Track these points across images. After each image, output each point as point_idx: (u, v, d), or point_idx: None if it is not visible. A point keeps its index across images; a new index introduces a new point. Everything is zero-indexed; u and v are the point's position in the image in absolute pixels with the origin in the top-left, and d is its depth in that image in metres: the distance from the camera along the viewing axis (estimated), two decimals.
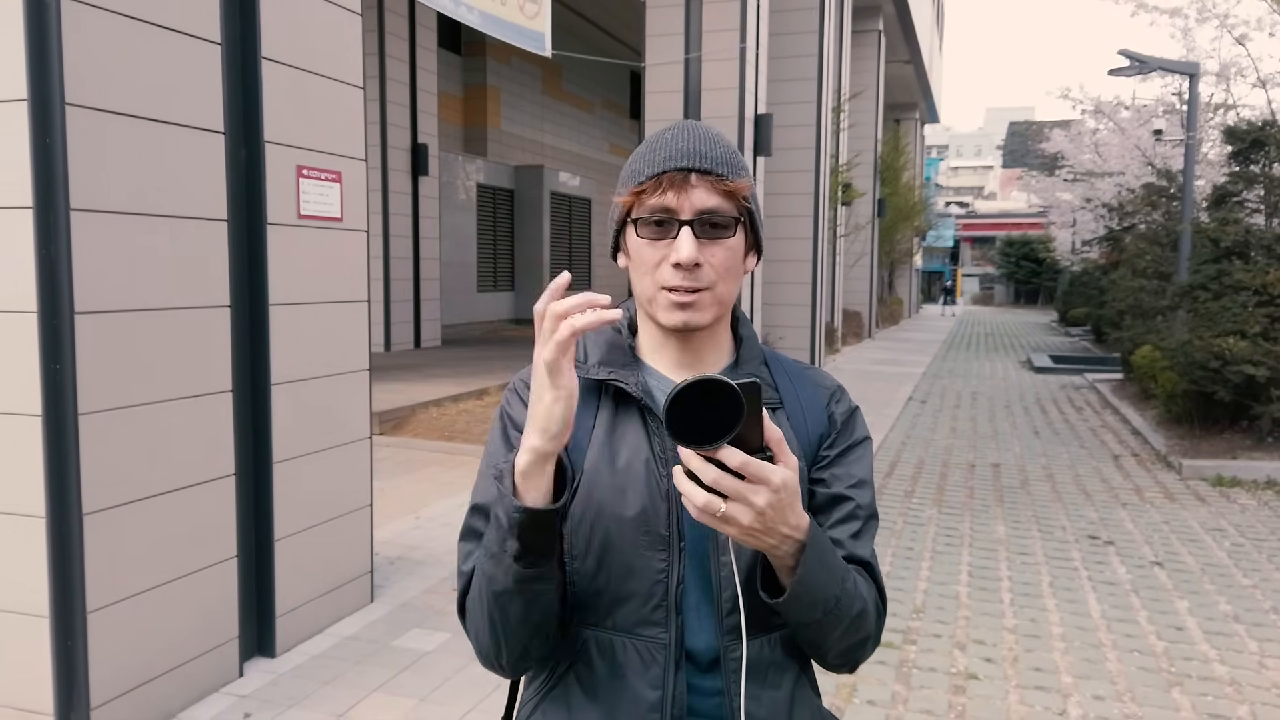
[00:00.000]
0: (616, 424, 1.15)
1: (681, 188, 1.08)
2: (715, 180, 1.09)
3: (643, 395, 1.14)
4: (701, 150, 1.10)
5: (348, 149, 3.94)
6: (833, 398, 1.24)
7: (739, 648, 1.10)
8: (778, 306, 12.88)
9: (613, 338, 1.20)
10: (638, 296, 1.17)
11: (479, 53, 18.96)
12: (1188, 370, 8.35)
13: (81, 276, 2.76)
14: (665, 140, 1.13)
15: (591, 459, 1.13)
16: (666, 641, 1.10)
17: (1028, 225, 45.00)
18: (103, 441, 2.85)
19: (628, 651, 1.11)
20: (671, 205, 1.09)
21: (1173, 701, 3.52)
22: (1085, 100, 18.27)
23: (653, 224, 1.10)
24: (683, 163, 1.09)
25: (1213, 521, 6.14)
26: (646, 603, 1.10)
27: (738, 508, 0.93)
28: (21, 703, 2.85)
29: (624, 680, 1.10)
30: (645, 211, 1.10)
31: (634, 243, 1.13)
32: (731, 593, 1.11)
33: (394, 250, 13.40)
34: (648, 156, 1.12)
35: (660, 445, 1.13)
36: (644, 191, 1.10)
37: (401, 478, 6.57)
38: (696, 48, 9.49)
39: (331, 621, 3.94)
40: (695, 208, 1.09)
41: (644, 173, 1.11)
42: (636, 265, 1.14)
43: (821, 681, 3.82)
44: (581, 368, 1.16)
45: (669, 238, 1.10)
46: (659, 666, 1.10)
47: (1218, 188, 10.40)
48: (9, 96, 2.67)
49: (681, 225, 1.09)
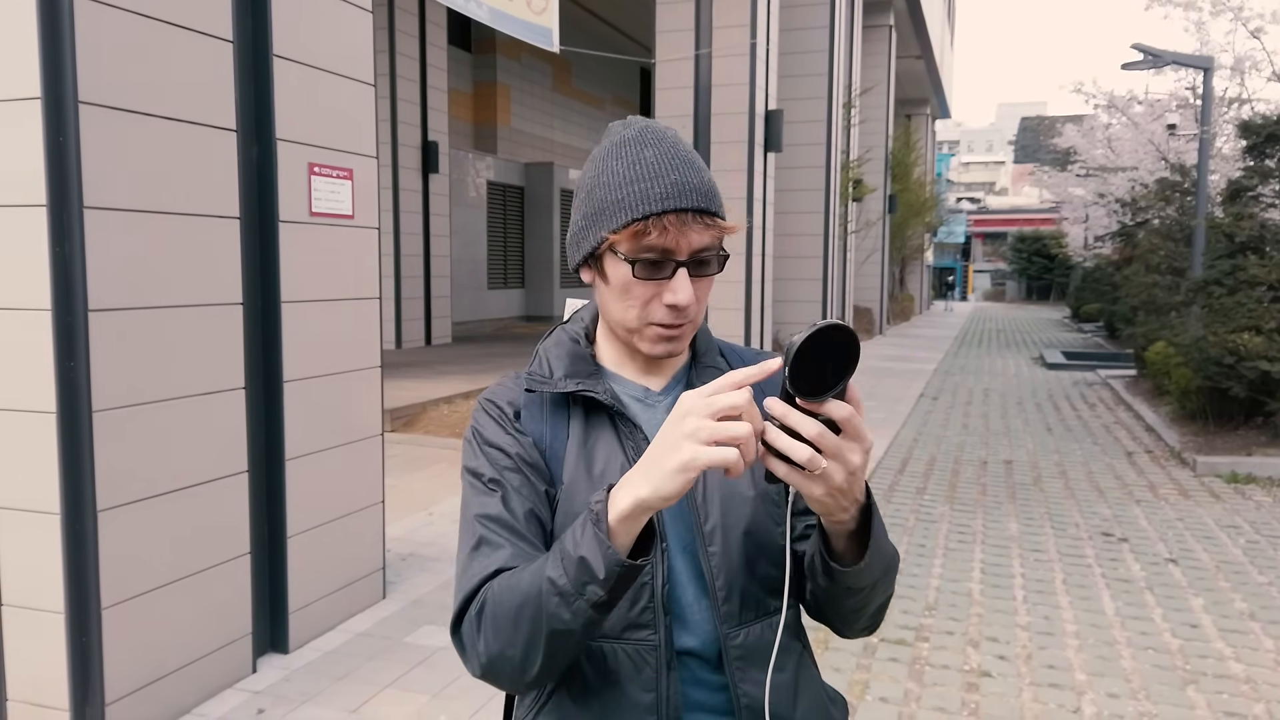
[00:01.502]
0: (589, 433, 1.15)
1: (680, 229, 1.05)
2: (710, 219, 1.08)
3: (614, 403, 1.14)
4: (694, 184, 1.07)
5: (359, 146, 3.94)
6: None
7: (739, 634, 1.12)
8: (788, 303, 12.85)
9: (573, 349, 1.19)
10: (615, 322, 1.13)
11: (489, 50, 18.99)
12: (1202, 366, 8.30)
13: (95, 274, 2.77)
14: (651, 167, 1.07)
15: (569, 471, 1.13)
16: (656, 643, 1.10)
17: (1040, 221, 44.78)
18: (116, 438, 2.87)
19: (618, 657, 1.10)
20: (670, 247, 1.06)
21: (1188, 699, 3.50)
22: (1098, 94, 18.19)
23: (649, 264, 1.07)
24: (684, 203, 1.05)
25: (1228, 518, 6.09)
26: (633, 606, 1.09)
27: (835, 465, 0.91)
28: (37, 698, 2.87)
29: (616, 686, 1.10)
30: (640, 250, 1.06)
31: (620, 275, 1.09)
32: (725, 581, 1.11)
33: (405, 248, 13.43)
34: (638, 186, 1.06)
35: (634, 449, 1.12)
36: (641, 231, 1.05)
37: (413, 474, 6.58)
38: (707, 43, 9.47)
39: (344, 618, 3.95)
40: (692, 248, 1.07)
41: (639, 208, 1.06)
42: (620, 295, 1.10)
43: (832, 679, 3.80)
44: (549, 383, 1.16)
45: (663, 277, 1.07)
46: (650, 669, 1.09)
47: (1232, 182, 10.32)
48: (22, 95, 2.68)
49: (678, 266, 1.07)
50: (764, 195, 10.40)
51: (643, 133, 1.12)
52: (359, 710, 3.22)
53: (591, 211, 1.11)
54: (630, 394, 1.18)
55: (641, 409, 1.17)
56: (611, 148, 1.12)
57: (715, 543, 1.12)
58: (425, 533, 5.23)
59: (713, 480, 1.13)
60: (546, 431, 1.16)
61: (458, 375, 10.55)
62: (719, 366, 1.21)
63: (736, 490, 1.14)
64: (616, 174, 1.09)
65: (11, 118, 2.70)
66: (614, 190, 1.08)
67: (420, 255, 13.80)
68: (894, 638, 4.03)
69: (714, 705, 1.13)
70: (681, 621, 1.12)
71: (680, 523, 1.13)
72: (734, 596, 1.12)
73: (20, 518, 2.83)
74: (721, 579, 1.11)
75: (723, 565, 1.11)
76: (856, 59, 16.75)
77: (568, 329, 1.23)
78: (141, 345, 2.95)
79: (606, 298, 1.13)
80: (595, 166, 1.13)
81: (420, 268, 13.81)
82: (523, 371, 1.21)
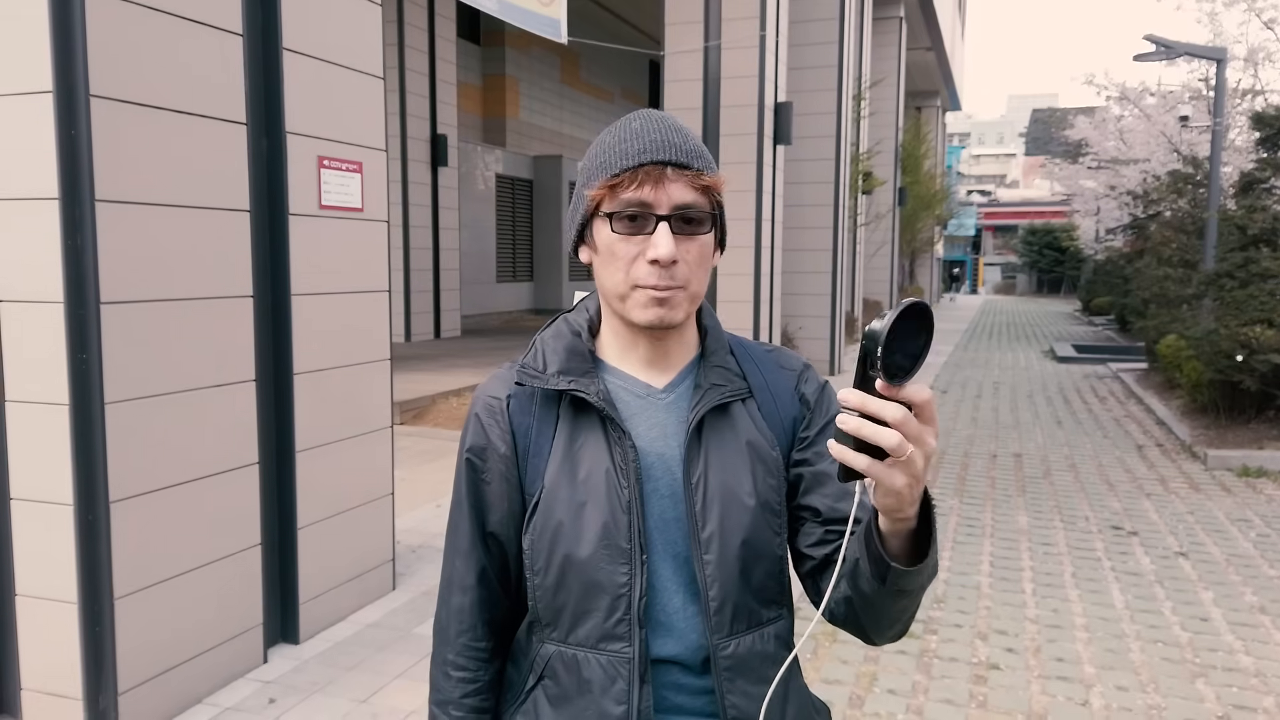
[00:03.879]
0: (576, 434, 1.13)
1: (659, 182, 1.04)
2: (692, 175, 1.06)
3: (604, 405, 1.11)
4: (675, 142, 1.07)
5: (368, 139, 3.95)
6: (800, 378, 1.22)
7: (729, 644, 1.10)
8: (797, 296, 12.82)
9: (572, 343, 1.16)
10: (607, 294, 1.12)
11: (498, 42, 18.96)
12: (1213, 359, 8.25)
13: (107, 267, 2.78)
14: (634, 130, 1.08)
15: (552, 473, 1.12)
16: (630, 655, 1.09)
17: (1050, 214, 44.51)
18: (129, 430, 2.89)
19: (591, 666, 1.10)
20: (648, 199, 1.05)
21: (1197, 693, 3.49)
22: (1110, 86, 18.08)
23: (627, 219, 1.06)
24: (660, 155, 1.05)
25: (1238, 512, 6.07)
26: (609, 617, 1.09)
27: (916, 451, 0.87)
28: (51, 687, 2.90)
29: (589, 695, 1.10)
30: (619, 205, 1.06)
31: (605, 237, 1.08)
32: (719, 591, 1.10)
33: (414, 241, 13.45)
34: (619, 147, 1.07)
35: (621, 455, 1.10)
36: (618, 185, 1.05)
37: (423, 466, 6.60)
38: (716, 35, 9.44)
39: (354, 609, 3.97)
40: (673, 202, 1.05)
41: (617, 164, 1.06)
42: (607, 261, 1.09)
43: (840, 672, 3.81)
44: (541, 377, 1.14)
45: (644, 233, 1.06)
46: (623, 681, 1.09)
47: (1245, 174, 10.25)
48: (34, 89, 2.70)
49: (659, 220, 1.05)
50: (773, 188, 10.37)
51: (637, 112, 1.13)
52: (369, 700, 3.24)
53: (580, 185, 1.12)
54: (630, 389, 1.15)
55: (639, 406, 1.14)
56: (605, 130, 1.14)
57: (711, 551, 1.10)
58: (435, 524, 5.25)
59: (714, 488, 1.11)
60: (533, 426, 1.15)
61: (467, 368, 10.57)
62: (728, 365, 1.17)
63: (737, 498, 1.11)
64: (603, 143, 1.11)
65: (24, 111, 2.72)
66: (598, 157, 1.10)
67: (429, 248, 13.82)
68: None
69: (695, 709, 1.12)
70: (665, 629, 1.11)
71: (674, 529, 1.11)
72: (726, 607, 1.10)
73: (33, 509, 2.86)
74: (715, 589, 1.10)
75: (717, 575, 1.10)
76: (867, 51, 16.67)
77: (570, 319, 1.20)
78: (153, 338, 2.97)
79: (599, 270, 1.12)
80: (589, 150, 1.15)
81: (429, 261, 13.83)
82: (517, 362, 1.19)
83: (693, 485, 1.10)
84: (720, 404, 1.14)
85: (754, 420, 1.16)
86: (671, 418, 1.14)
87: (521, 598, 1.19)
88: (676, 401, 1.15)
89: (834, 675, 3.57)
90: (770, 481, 1.14)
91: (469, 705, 1.19)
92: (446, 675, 1.20)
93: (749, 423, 1.15)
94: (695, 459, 1.11)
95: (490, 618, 1.20)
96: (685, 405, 1.14)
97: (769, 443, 1.15)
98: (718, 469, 1.11)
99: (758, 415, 1.16)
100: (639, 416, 1.14)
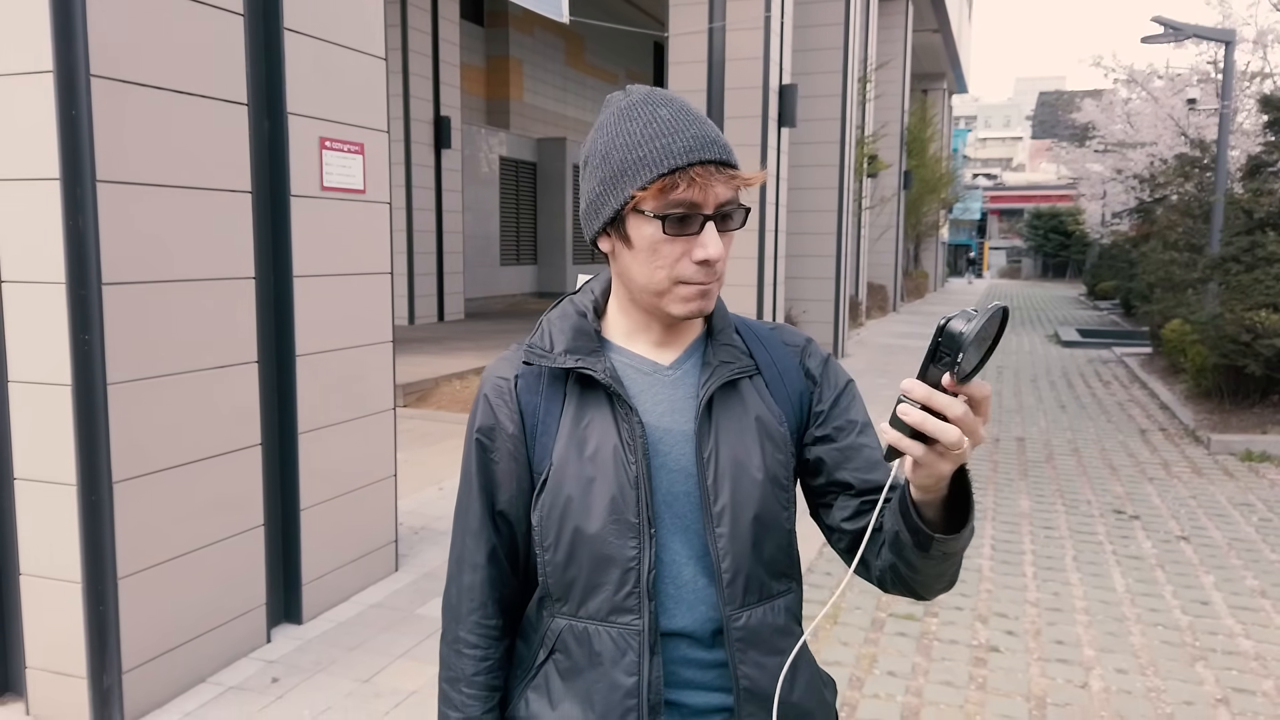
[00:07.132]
0: (583, 411, 1.14)
1: (706, 181, 1.05)
2: (732, 173, 1.07)
3: (611, 382, 1.12)
4: (713, 138, 1.07)
5: (370, 121, 3.94)
6: (804, 353, 1.24)
7: (741, 616, 1.12)
8: (801, 280, 12.80)
9: (578, 323, 1.17)
10: (637, 286, 1.12)
11: (501, 24, 18.85)
12: (1218, 344, 8.23)
13: (108, 248, 2.78)
14: (667, 123, 1.07)
15: (560, 449, 1.13)
16: (640, 627, 1.10)
17: (1056, 197, 44.36)
18: (131, 411, 2.89)
19: (602, 639, 1.12)
20: (698, 200, 1.05)
21: (1196, 675, 3.50)
22: (1118, 69, 17.94)
23: (677, 220, 1.06)
24: (707, 154, 1.05)
25: (1241, 496, 6.07)
26: (619, 590, 1.11)
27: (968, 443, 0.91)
28: (56, 666, 2.92)
29: (600, 668, 1.12)
30: (668, 206, 1.05)
31: (647, 235, 1.07)
32: (732, 563, 1.12)
33: (417, 223, 13.43)
34: (658, 142, 1.06)
35: (628, 431, 1.12)
36: (666, 185, 1.04)
37: (426, 449, 6.62)
38: (721, 16, 9.38)
39: (357, 590, 4.00)
40: (718, 201, 1.06)
41: (663, 163, 1.05)
42: (647, 258, 1.09)
43: (841, 653, 3.82)
44: (548, 356, 1.15)
45: (690, 232, 1.06)
46: (634, 653, 1.10)
47: (1252, 158, 10.19)
48: (35, 68, 2.69)
49: (706, 220, 1.06)
50: (778, 171, 10.33)
51: (650, 95, 1.11)
52: (371, 680, 3.26)
53: (610, 175, 1.08)
54: (636, 367, 1.16)
55: (646, 383, 1.15)
56: (621, 112, 1.10)
57: (724, 524, 1.11)
58: (437, 507, 5.27)
59: (724, 462, 1.12)
60: (541, 405, 1.16)
61: (470, 351, 10.58)
62: (734, 344, 1.19)
63: (747, 472, 1.13)
64: (633, 134, 1.08)
65: (24, 91, 2.71)
66: (634, 149, 1.07)
67: (433, 231, 13.80)
68: (902, 612, 4.04)
69: (705, 682, 1.13)
70: (675, 601, 1.12)
71: (683, 503, 1.13)
72: (739, 579, 1.12)
73: (37, 489, 2.87)
74: (728, 561, 1.12)
75: (729, 547, 1.12)
76: (873, 33, 16.56)
77: (575, 300, 1.21)
78: (156, 319, 2.97)
79: (630, 263, 1.11)
80: (606, 132, 1.10)
81: (433, 243, 13.82)
82: (524, 343, 1.20)
83: (704, 460, 1.12)
84: (729, 380, 1.15)
85: (762, 397, 1.18)
86: (678, 393, 1.15)
87: (530, 576, 1.20)
88: (683, 378, 1.16)
89: (834, 656, 3.59)
90: (779, 457, 1.16)
91: (480, 682, 1.20)
92: (458, 653, 1.21)
93: (757, 399, 1.17)
94: (706, 434, 1.13)
95: (500, 595, 1.21)
96: (692, 381, 1.16)
97: (777, 419, 1.17)
98: (728, 444, 1.13)
99: (765, 392, 1.18)
100: (646, 393, 1.15)
